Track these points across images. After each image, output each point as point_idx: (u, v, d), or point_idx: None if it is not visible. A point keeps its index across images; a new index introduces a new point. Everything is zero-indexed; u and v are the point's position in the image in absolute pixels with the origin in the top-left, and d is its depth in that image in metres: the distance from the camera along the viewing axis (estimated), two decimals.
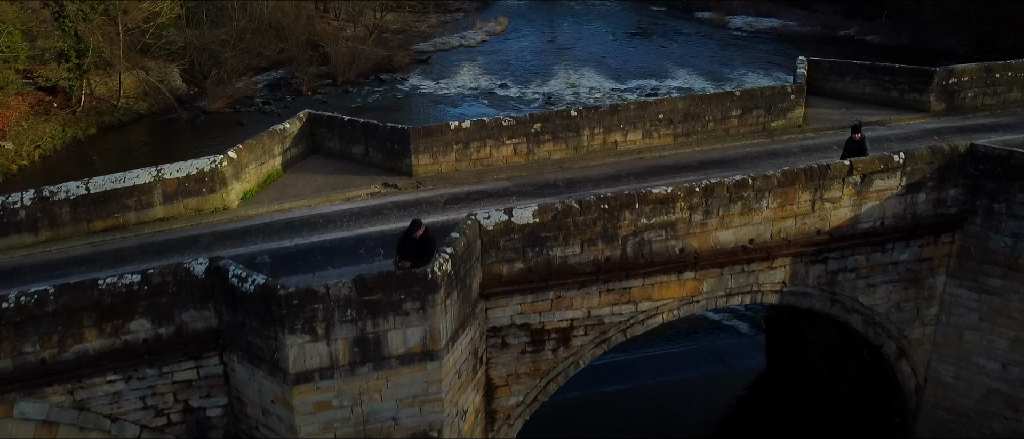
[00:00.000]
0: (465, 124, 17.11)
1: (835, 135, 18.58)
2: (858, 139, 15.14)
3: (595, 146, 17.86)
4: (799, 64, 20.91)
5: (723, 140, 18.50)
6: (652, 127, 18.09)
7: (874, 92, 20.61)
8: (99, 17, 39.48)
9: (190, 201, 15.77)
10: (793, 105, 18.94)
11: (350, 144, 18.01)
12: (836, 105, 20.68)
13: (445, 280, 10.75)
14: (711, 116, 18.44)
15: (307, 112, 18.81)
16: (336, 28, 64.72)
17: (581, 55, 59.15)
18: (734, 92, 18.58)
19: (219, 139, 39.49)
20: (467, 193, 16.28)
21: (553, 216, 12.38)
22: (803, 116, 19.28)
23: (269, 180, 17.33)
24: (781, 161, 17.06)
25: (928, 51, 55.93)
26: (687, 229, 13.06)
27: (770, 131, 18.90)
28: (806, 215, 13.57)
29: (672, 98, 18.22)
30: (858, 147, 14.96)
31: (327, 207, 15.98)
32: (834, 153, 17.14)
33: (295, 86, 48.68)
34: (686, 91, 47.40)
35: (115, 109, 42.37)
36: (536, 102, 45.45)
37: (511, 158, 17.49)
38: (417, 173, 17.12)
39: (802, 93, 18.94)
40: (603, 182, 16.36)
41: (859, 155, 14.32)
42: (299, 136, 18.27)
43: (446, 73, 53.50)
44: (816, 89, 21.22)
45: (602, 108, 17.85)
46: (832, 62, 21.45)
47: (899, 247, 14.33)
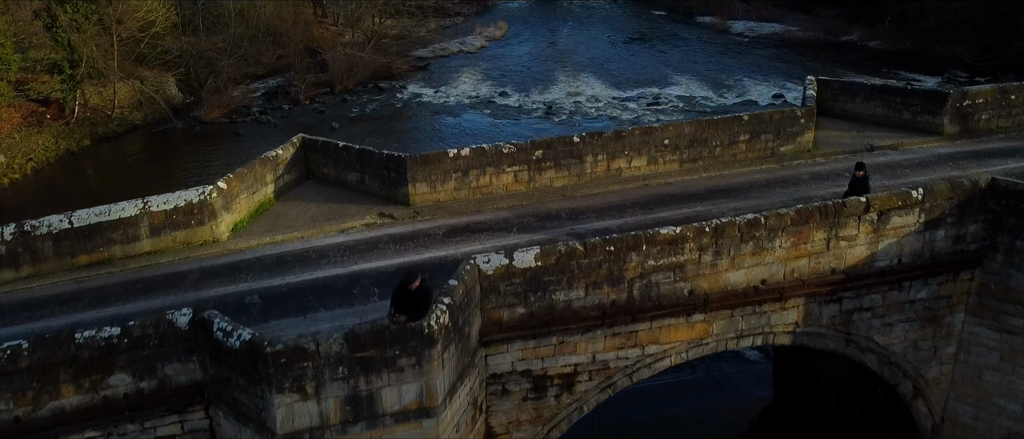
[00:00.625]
0: (464, 152, 16.51)
1: (846, 160, 17.98)
2: (861, 177, 14.42)
3: (599, 173, 17.26)
4: (808, 85, 20.30)
5: (730, 166, 17.90)
6: (657, 153, 17.50)
7: (885, 114, 20.00)
8: (93, 27, 38.85)
9: (178, 234, 15.16)
10: (803, 129, 18.35)
11: (345, 171, 17.42)
12: (846, 127, 20.08)
13: (442, 333, 10.16)
14: (718, 141, 17.84)
15: (301, 137, 18.22)
16: (334, 33, 64.14)
17: (581, 61, 58.55)
18: (742, 116, 17.98)
19: (214, 151, 38.98)
20: (466, 224, 15.68)
21: (556, 259, 11.79)
22: (813, 140, 18.68)
23: (261, 209, 16.73)
24: (791, 190, 16.49)
25: (932, 58, 55.40)
26: (696, 270, 12.47)
27: (779, 156, 18.30)
28: (821, 254, 12.98)
29: (678, 123, 17.63)
30: (861, 185, 14.27)
31: (321, 240, 15.38)
32: (846, 180, 16.54)
33: (293, 95, 48.06)
34: (688, 100, 46.86)
35: (109, 119, 41.77)
36: (536, 112, 44.85)
37: (512, 186, 16.90)
38: (414, 202, 16.51)
39: (812, 117, 18.36)
40: (607, 212, 15.76)
41: (863, 192, 13.75)
42: (292, 162, 17.67)
43: (445, 80, 52.89)
44: (825, 109, 20.63)
45: (606, 134, 17.25)
46: (842, 83, 20.86)
47: (917, 285, 13.74)
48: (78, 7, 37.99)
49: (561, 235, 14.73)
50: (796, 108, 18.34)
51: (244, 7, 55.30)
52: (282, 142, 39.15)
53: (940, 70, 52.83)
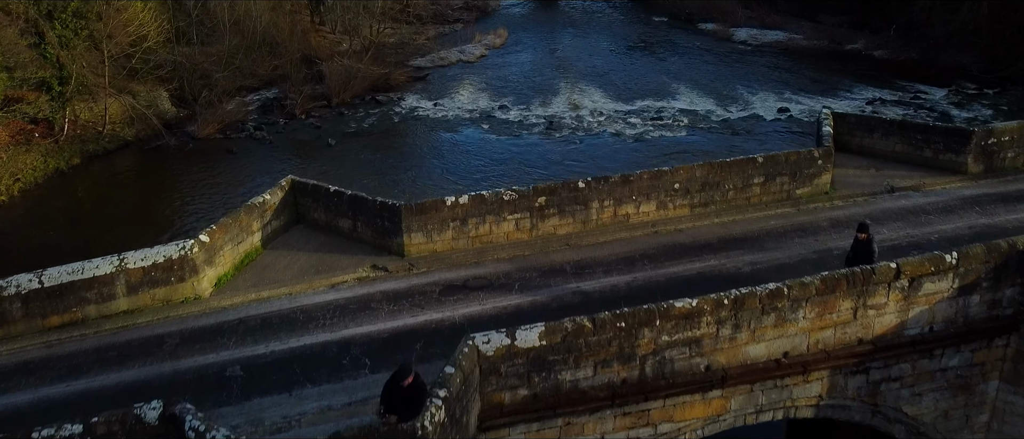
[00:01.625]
0: (462, 200, 15.54)
1: (866, 203, 17.04)
2: (864, 240, 13.27)
3: (605, 219, 16.30)
4: (823, 120, 19.32)
5: (744, 210, 16.94)
6: (667, 197, 16.54)
7: (905, 151, 19.05)
8: (82, 43, 37.84)
9: (158, 291, 14.21)
10: (820, 171, 17.39)
11: (336, 217, 16.45)
12: (864, 164, 19.11)
13: (438, 433, 9.20)
14: (731, 184, 16.89)
15: (290, 179, 17.24)
16: (332, 42, 63.16)
17: (583, 71, 57.55)
18: (756, 158, 17.01)
19: (208, 169, 37.98)
20: (465, 279, 14.72)
21: (563, 337, 10.82)
22: (830, 181, 17.71)
23: (247, 259, 15.77)
24: (810, 239, 15.53)
25: (939, 68, 54.41)
26: (714, 345, 11.51)
27: (795, 199, 17.33)
28: (847, 324, 12.02)
29: (689, 166, 16.65)
30: (865, 250, 13.18)
31: (309, 297, 14.42)
32: None
33: (288, 109, 47.04)
34: (691, 113, 45.89)
35: (100, 136, 40.75)
36: (537, 127, 43.87)
37: (513, 234, 15.94)
38: (409, 253, 15.55)
39: (830, 158, 17.39)
40: (615, 266, 14.79)
41: (866, 259, 12.76)
42: (281, 207, 16.70)
43: (444, 92, 51.91)
44: (841, 145, 19.69)
45: (612, 178, 16.27)
46: (859, 117, 19.91)
47: (949, 353, 12.79)
48: (67, 23, 36.98)
49: (566, 294, 13.79)
50: (813, 149, 17.37)
51: (240, 17, 54.31)
52: (277, 159, 38.39)
53: (947, 81, 51.87)
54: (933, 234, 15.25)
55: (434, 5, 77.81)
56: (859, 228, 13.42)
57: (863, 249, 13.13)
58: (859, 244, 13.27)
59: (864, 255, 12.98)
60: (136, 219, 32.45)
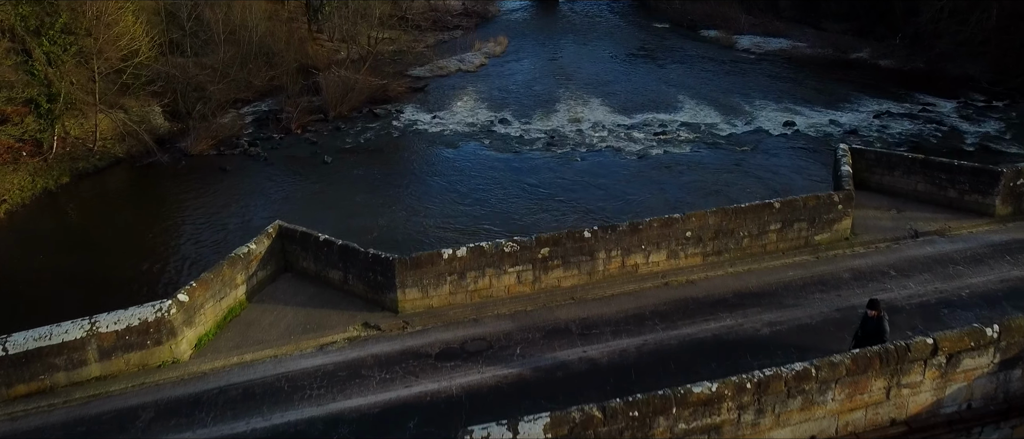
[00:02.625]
0: (460, 252, 14.53)
1: (889, 251, 16.04)
2: (875, 317, 12.17)
3: (612, 270, 15.31)
4: (841, 158, 18.31)
5: (760, 258, 15.94)
6: (678, 246, 15.54)
7: (928, 190, 18.05)
8: (71, 59, 36.81)
9: (132, 355, 13.22)
10: (840, 216, 16.39)
11: (326, 267, 15.45)
12: (884, 205, 18.11)
13: None
14: (746, 231, 15.89)
15: (278, 225, 16.24)
16: (330, 50, 62.18)
17: (584, 81, 56.52)
18: (772, 204, 16.01)
19: (200, 188, 36.96)
20: (463, 341, 13.72)
21: (570, 429, 9.82)
22: (850, 226, 16.71)
23: (231, 315, 14.77)
24: (832, 294, 14.54)
25: (946, 78, 53.42)
26: (735, 431, 10.51)
27: (813, 246, 16.34)
28: (879, 404, 11.04)
29: (702, 213, 15.65)
30: (875, 328, 12.14)
31: (296, 361, 13.42)
32: (892, 280, 14.61)
33: (284, 123, 46.00)
34: (695, 127, 44.88)
35: (90, 153, 39.73)
36: (537, 143, 42.86)
37: (514, 288, 14.94)
38: (404, 309, 14.55)
39: (850, 202, 16.39)
40: (623, 326, 13.79)
41: (877, 337, 11.76)
42: (268, 255, 15.70)
43: (443, 104, 50.89)
44: (860, 182, 18.68)
45: (620, 227, 15.27)
46: (878, 153, 18.87)
47: (987, 430, 11.81)
48: (55, 39, 35.96)
49: (572, 360, 12.80)
50: (833, 193, 16.37)
51: (236, 27, 53.32)
52: (271, 178, 37.34)
53: (955, 93, 50.87)
54: (964, 289, 14.25)
55: (433, 12, 76.94)
56: (869, 304, 12.34)
57: (874, 327, 12.04)
58: (869, 322, 12.16)
59: (874, 333, 11.92)
60: (126, 244, 31.44)
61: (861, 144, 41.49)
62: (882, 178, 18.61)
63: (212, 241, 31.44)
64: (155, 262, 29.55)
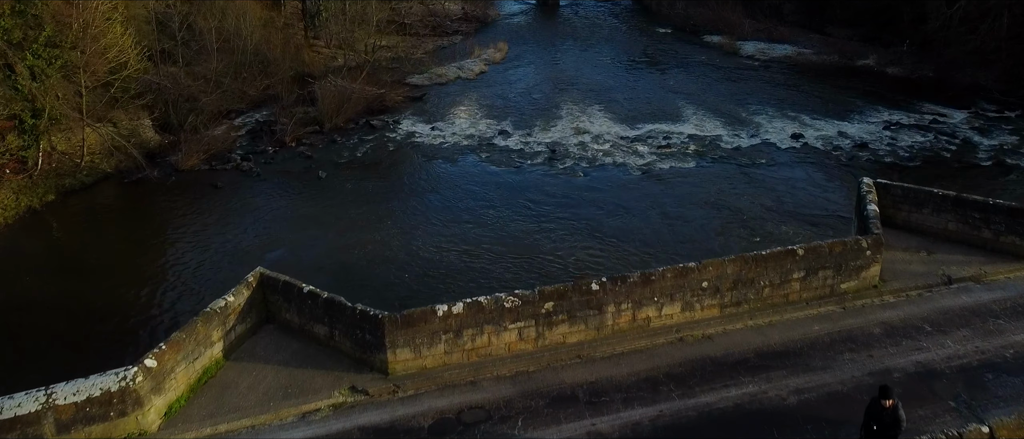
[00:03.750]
0: (456, 309, 13.29)
1: (921, 300, 14.81)
2: (890, 407, 10.82)
3: (622, 325, 14.08)
4: (866, 195, 17.01)
5: (782, 310, 14.71)
6: (694, 298, 14.31)
7: (960, 230, 16.80)
8: (56, 74, 35.54)
9: (94, 429, 12.00)
10: (868, 262, 15.15)
11: (311, 321, 14.21)
12: (913, 245, 16.86)
13: None
14: (767, 280, 14.65)
15: (259, 273, 14.98)
16: (327, 57, 61.00)
17: (586, 89, 55.29)
18: (796, 251, 14.76)
19: (190, 206, 35.70)
20: (459, 409, 12.49)
21: None
22: (879, 274, 15.47)
23: (206, 376, 13.54)
24: (862, 355, 13.30)
25: (956, 87, 52.22)
26: None
27: (839, 295, 15.10)
28: None
29: (719, 262, 14.41)
30: (891, 418, 10.81)
31: (274, 432, 12.22)
32: (927, 337, 13.38)
33: (278, 135, 44.72)
34: (700, 140, 43.63)
35: (78, 169, 38.48)
36: (539, 157, 41.62)
37: (516, 345, 13.71)
38: (395, 370, 13.32)
39: (879, 248, 15.15)
40: (636, 393, 12.56)
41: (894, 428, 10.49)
42: (248, 307, 14.46)
43: (442, 114, 49.64)
44: (886, 218, 17.42)
45: (631, 278, 14.02)
46: (906, 189, 17.60)
47: None
48: (39, 53, 34.69)
49: (580, 436, 11.53)
50: (860, 238, 15.11)
51: (230, 34, 52.08)
52: (263, 195, 36.09)
53: (965, 102, 49.66)
54: (1007, 349, 13.03)
55: (432, 17, 75.72)
56: (881, 392, 10.98)
57: (889, 418, 10.71)
58: (883, 412, 10.85)
59: (892, 425, 10.62)
60: (111, 268, 30.16)
61: (871, 157, 40.39)
62: (909, 215, 17.36)
63: (199, 264, 30.20)
64: (140, 288, 28.28)
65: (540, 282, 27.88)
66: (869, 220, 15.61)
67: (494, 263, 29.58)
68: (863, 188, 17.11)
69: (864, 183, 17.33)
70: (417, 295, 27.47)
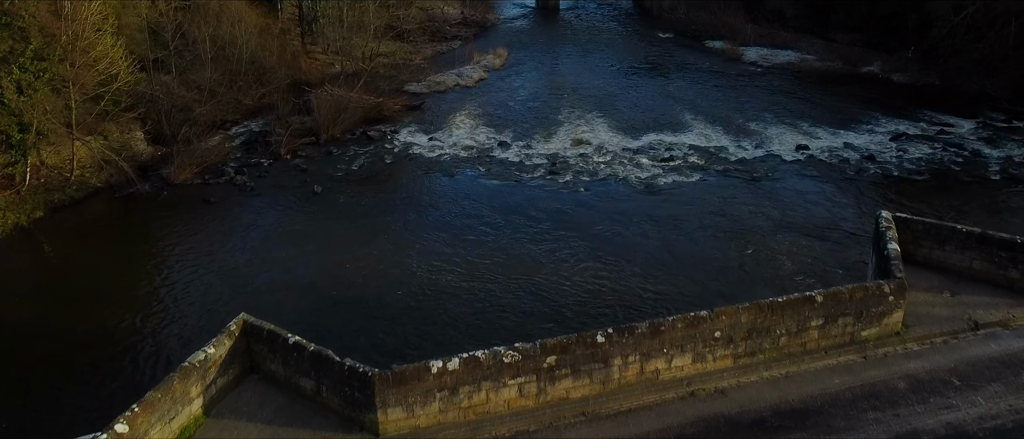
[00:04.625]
0: (451, 364, 12.40)
1: (947, 349, 13.94)
2: None
3: (629, 378, 13.19)
4: (885, 232, 16.03)
5: (799, 359, 13.82)
6: (706, 348, 13.42)
7: (985, 269, 15.91)
8: (44, 87, 34.62)
9: None
10: (891, 308, 14.26)
11: (297, 374, 13.32)
12: (936, 285, 15.97)
13: None
14: (784, 329, 13.76)
15: (243, 320, 14.07)
16: (324, 64, 60.16)
17: (586, 96, 54.46)
18: (814, 298, 13.86)
19: (182, 222, 34.85)
20: None
21: None
22: (902, 320, 14.57)
23: (184, 435, 12.64)
24: (888, 413, 12.41)
25: (962, 96, 51.52)
26: None
27: (860, 343, 14.20)
28: None
29: (732, 310, 13.52)
30: None
31: None
32: (956, 393, 12.51)
33: (273, 147, 43.85)
34: (704, 151, 42.81)
35: (67, 184, 37.61)
36: (539, 169, 40.77)
37: (515, 402, 12.81)
38: (386, 431, 12.42)
39: (902, 293, 14.25)
40: None
41: None
42: (230, 358, 13.57)
43: (441, 124, 48.78)
44: (905, 254, 16.48)
45: (639, 329, 13.13)
46: (927, 224, 16.67)
47: None
48: (26, 67, 33.80)
49: None
50: (883, 283, 14.21)
51: (225, 43, 51.16)
52: (257, 211, 35.16)
53: (973, 112, 48.89)
54: None
55: (431, 22, 74.86)
56: None
57: None
58: None
59: None
60: (99, 290, 29.28)
61: (879, 170, 39.52)
62: (931, 252, 16.46)
63: (188, 285, 29.37)
64: (127, 312, 27.40)
65: (539, 305, 27.05)
66: (890, 261, 14.70)
67: (492, 284, 28.74)
68: (882, 223, 16.18)
69: (883, 218, 16.40)
70: (412, 316, 26.60)
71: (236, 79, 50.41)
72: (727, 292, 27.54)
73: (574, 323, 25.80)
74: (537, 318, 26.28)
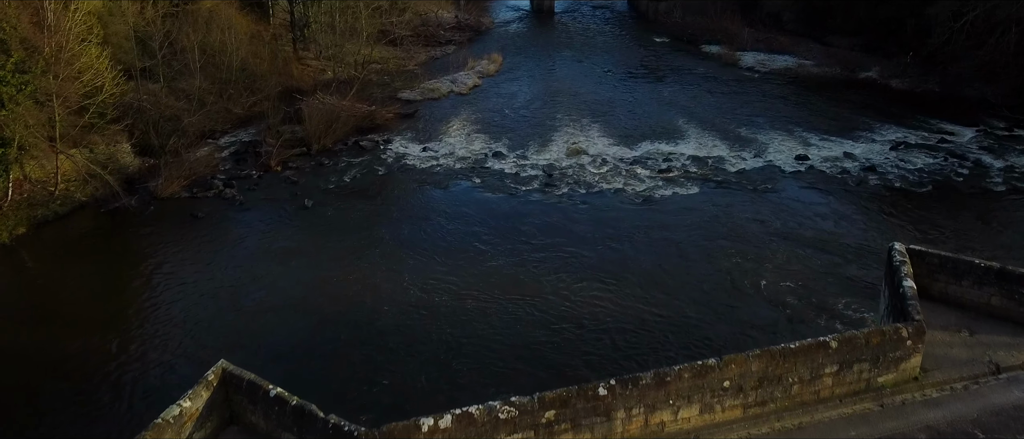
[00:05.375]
0: (443, 422, 11.59)
1: (968, 395, 13.18)
2: None
3: (633, 431, 12.40)
4: (899, 265, 15.23)
5: (812, 409, 13.05)
6: (714, 399, 12.64)
7: (1004, 306, 15.15)
8: (26, 101, 33.69)
9: None
10: (908, 353, 13.49)
11: (279, 427, 12.50)
12: (952, 322, 15.20)
13: None
14: (796, 376, 12.98)
15: (220, 369, 13.23)
16: (316, 70, 59.23)
17: (582, 103, 53.71)
18: (828, 343, 13.08)
19: (168, 238, 34.00)
20: None
21: None
22: (920, 364, 13.81)
23: None
24: None
25: (962, 102, 51.04)
26: None
27: (876, 390, 13.44)
28: None
29: (742, 359, 12.73)
30: None
31: None
32: None
33: (263, 158, 42.97)
34: (702, 162, 42.08)
35: (51, 199, 36.70)
36: (534, 181, 40.00)
37: None
38: None
39: (921, 337, 13.48)
40: None
41: None
42: (207, 410, 12.75)
43: (435, 133, 47.95)
44: (920, 288, 15.70)
45: (643, 380, 12.33)
46: (943, 258, 15.89)
47: None
48: (7, 80, 32.87)
49: None
50: (901, 327, 13.43)
51: (215, 50, 50.22)
52: (245, 226, 34.25)
53: (973, 119, 48.31)
54: None
55: (424, 26, 73.92)
56: None
57: None
58: None
59: None
60: (80, 312, 28.47)
61: (880, 182, 38.80)
62: (947, 287, 15.70)
63: (172, 307, 28.59)
64: (108, 337, 26.54)
65: (534, 330, 26.19)
66: (907, 301, 13.92)
67: (486, 304, 27.99)
68: (896, 257, 15.39)
69: (896, 250, 15.61)
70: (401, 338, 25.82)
71: (226, 87, 49.51)
72: (729, 314, 26.84)
73: (571, 349, 25.07)
74: (533, 344, 25.56)
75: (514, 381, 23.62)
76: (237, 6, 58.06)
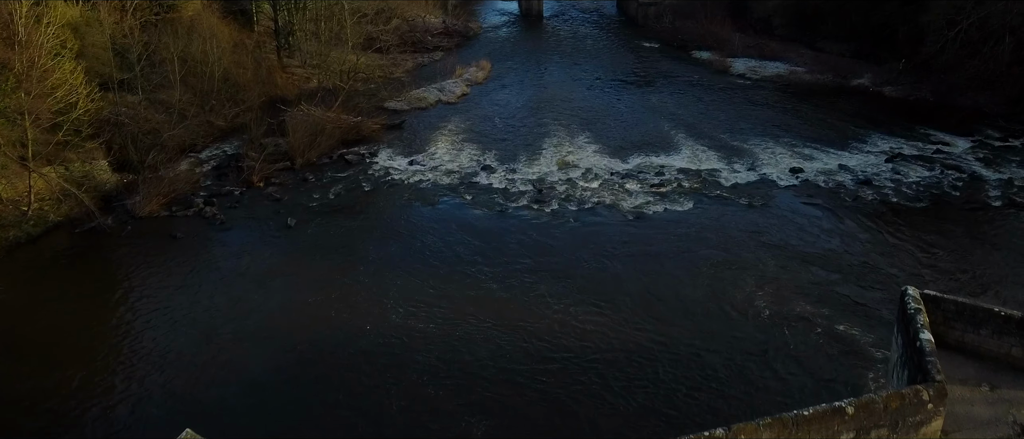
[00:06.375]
0: None
1: None
2: None
3: None
4: (914, 314, 14.25)
5: None
6: None
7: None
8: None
9: None
10: (929, 417, 12.56)
11: None
12: (972, 376, 14.28)
13: None
14: None
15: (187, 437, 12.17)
16: (300, 79, 58.01)
17: (572, 112, 52.71)
18: (845, 409, 12.14)
19: (145, 263, 32.81)
20: None
21: None
22: (941, 428, 12.89)
23: None
24: None
25: (956, 111, 50.39)
26: None
27: None
28: None
29: (753, 426, 11.78)
30: None
31: None
32: None
33: (246, 173, 41.74)
34: (694, 175, 41.17)
35: (24, 219, 35.41)
36: (525, 196, 39.04)
37: None
38: None
39: (942, 399, 12.55)
40: None
41: None
42: None
43: (421, 145, 46.80)
44: (935, 338, 14.78)
45: None
46: (960, 305, 14.94)
47: None
48: None
49: None
50: (922, 389, 12.49)
51: (196, 61, 48.89)
52: (226, 247, 33.05)
53: (968, 128, 47.66)
54: None
55: (411, 32, 72.67)
56: None
57: None
58: None
59: None
60: (49, 342, 27.17)
61: (876, 196, 37.98)
62: (964, 336, 14.79)
63: (143, 335, 27.51)
64: (78, 370, 25.35)
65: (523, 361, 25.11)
66: (925, 358, 12.98)
67: (472, 330, 27.13)
68: (910, 304, 14.44)
69: (910, 297, 14.65)
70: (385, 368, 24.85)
71: (208, 98, 48.24)
72: (725, 342, 25.99)
73: (560, 379, 24.18)
74: (519, 372, 24.67)
75: (498, 411, 22.84)
76: (220, 14, 56.81)
